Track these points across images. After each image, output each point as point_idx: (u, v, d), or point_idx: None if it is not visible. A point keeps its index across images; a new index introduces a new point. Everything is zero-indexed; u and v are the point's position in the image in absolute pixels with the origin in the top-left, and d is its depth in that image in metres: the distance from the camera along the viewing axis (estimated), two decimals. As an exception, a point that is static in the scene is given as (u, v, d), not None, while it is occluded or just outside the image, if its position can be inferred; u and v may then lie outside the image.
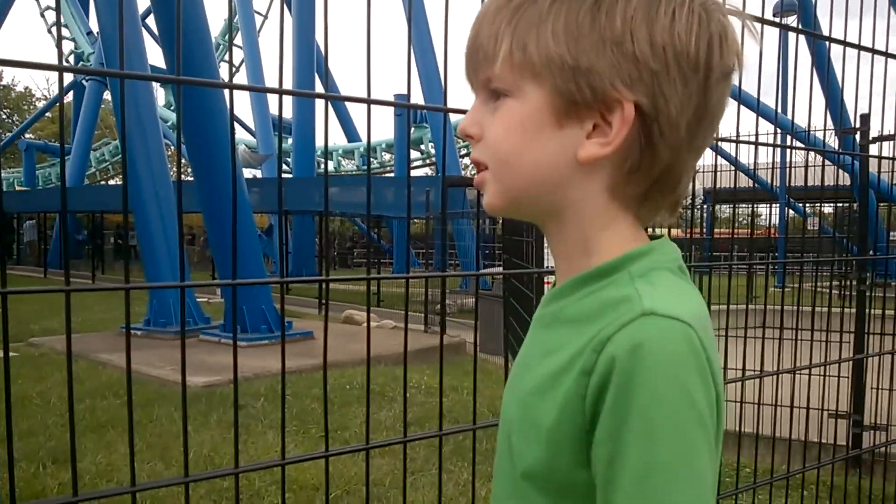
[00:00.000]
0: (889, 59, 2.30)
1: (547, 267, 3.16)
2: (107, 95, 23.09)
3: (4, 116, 40.79)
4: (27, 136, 31.16)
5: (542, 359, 0.66)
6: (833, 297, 3.76)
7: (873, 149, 3.89)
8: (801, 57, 2.18)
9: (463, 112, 1.53)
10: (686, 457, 0.55)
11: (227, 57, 27.47)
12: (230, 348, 5.57)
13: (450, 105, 1.51)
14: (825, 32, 2.22)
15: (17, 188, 28.25)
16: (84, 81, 22.08)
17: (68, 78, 25.09)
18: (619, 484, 0.56)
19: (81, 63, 24.92)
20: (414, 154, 22.43)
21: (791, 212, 15.52)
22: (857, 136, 3.94)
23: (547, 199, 0.67)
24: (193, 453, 3.91)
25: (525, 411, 0.66)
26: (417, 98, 17.02)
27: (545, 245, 0.81)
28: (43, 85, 43.91)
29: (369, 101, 1.22)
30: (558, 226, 0.68)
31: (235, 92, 1.26)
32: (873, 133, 3.93)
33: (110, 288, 1.27)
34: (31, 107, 39.93)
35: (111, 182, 30.89)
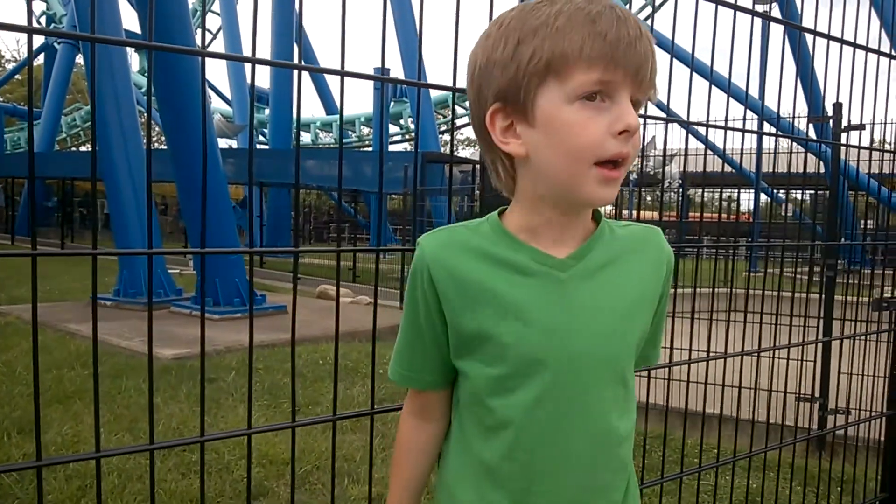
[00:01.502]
0: (868, 52, 2.31)
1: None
2: (79, 59, 22.46)
3: (-29, 79, 39.51)
4: (-4, 98, 30.22)
5: (610, 296, 0.91)
6: (805, 283, 3.82)
7: (850, 139, 3.93)
8: (780, 43, 2.17)
9: (439, 87, 1.50)
10: None
11: (205, 23, 26.83)
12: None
13: (427, 80, 1.48)
14: (805, 19, 2.21)
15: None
16: (56, 44, 21.44)
17: (39, 40, 24.34)
18: (665, 314, 1.04)
19: (53, 25, 24.16)
20: (393, 129, 22.23)
21: (769, 198, 15.70)
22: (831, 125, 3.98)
23: None
24: (162, 426, 3.88)
25: (625, 324, 0.92)
26: (398, 72, 16.81)
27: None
28: (13, 47, 42.52)
29: (343, 73, 1.18)
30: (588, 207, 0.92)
31: (212, 60, 1.22)
32: (846, 122, 3.97)
33: (78, 254, 1.23)
34: (0, 69, 38.70)
35: (82, 148, 30.18)
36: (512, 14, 0.85)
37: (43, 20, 25.29)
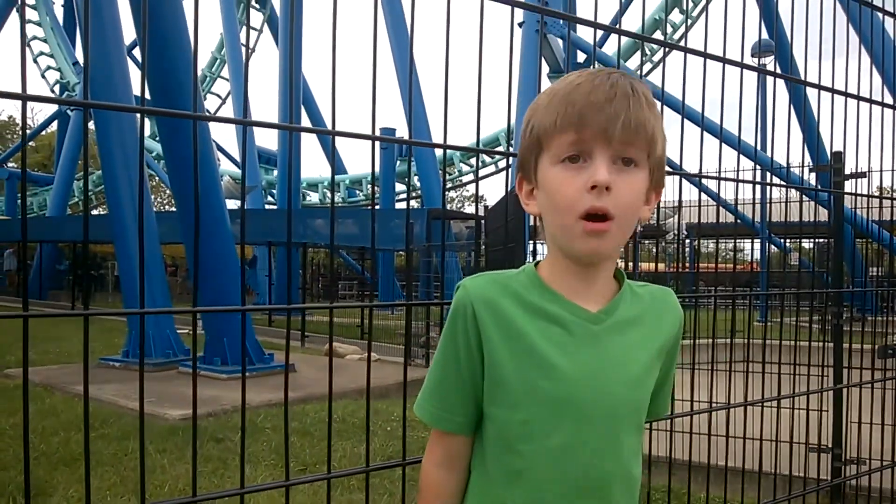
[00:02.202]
0: (864, 102, 2.38)
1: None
2: (91, 125, 23.08)
3: (-14, 145, 40.58)
4: (9, 165, 30.91)
5: (638, 348, 0.99)
6: (815, 331, 3.80)
7: (850, 186, 3.97)
8: (780, 96, 2.25)
9: (428, 145, 1.56)
10: None
11: (214, 88, 27.65)
12: (211, 381, 5.55)
13: (432, 138, 1.54)
14: (802, 71, 2.29)
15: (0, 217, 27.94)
16: (69, 111, 22.07)
17: (52, 108, 25.05)
18: (674, 370, 1.10)
19: (67, 93, 24.94)
20: (400, 187, 22.52)
21: (775, 247, 15.69)
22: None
23: (622, 246, 0.99)
24: (168, 487, 3.84)
25: (646, 377, 1.00)
26: (404, 132, 17.15)
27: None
28: (27, 114, 43.75)
29: (334, 133, 1.24)
30: (608, 263, 0.99)
31: (221, 124, 1.30)
32: (848, 170, 4.03)
33: (67, 314, 1.28)
34: (15, 136, 39.73)
35: (94, 212, 30.65)
36: (537, 97, 1.01)
37: (57, 88, 26.13)
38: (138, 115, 1.35)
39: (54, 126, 27.44)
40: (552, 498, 0.95)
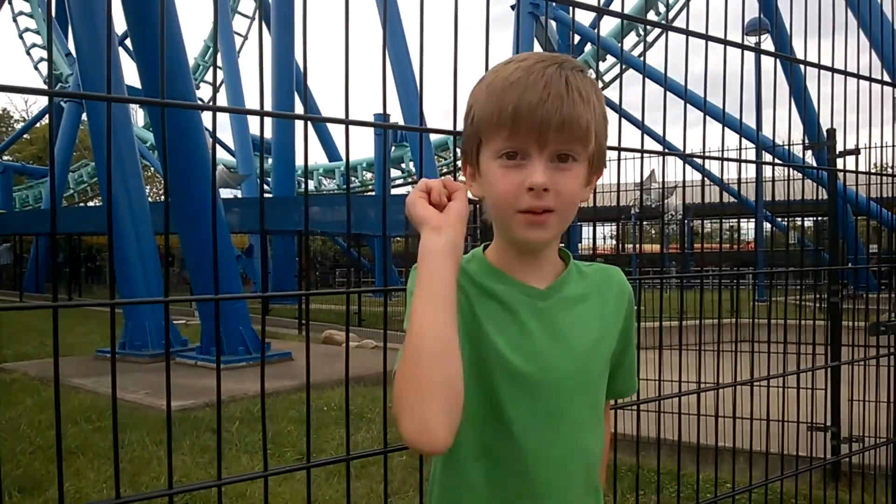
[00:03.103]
0: (861, 80, 2.35)
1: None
2: (85, 117, 22.93)
3: (-19, 138, 40.38)
4: (5, 158, 30.76)
5: (586, 324, 1.02)
6: (812, 310, 3.78)
7: (849, 165, 3.95)
8: (774, 74, 2.22)
9: (439, 131, 1.53)
10: None
11: (207, 77, 27.43)
12: (207, 371, 5.51)
13: (427, 124, 1.51)
14: (799, 49, 2.25)
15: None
16: (62, 103, 21.91)
17: (45, 100, 24.88)
18: (635, 348, 1.13)
19: (60, 84, 24.76)
20: (395, 172, 22.47)
21: (773, 226, 15.67)
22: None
23: (564, 230, 1.01)
24: (163, 479, 3.83)
25: (594, 352, 1.02)
26: (397, 117, 17.06)
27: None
28: (21, 107, 43.46)
29: (348, 122, 1.21)
30: (550, 246, 1.02)
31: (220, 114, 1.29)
32: (841, 147, 4.00)
33: (96, 304, 1.25)
34: (9, 129, 39.50)
35: (90, 203, 30.57)
36: (483, 75, 1.00)
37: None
38: (133, 105, 1.33)
39: (47, 119, 27.29)
40: (508, 476, 0.97)
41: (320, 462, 1.39)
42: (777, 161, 3.17)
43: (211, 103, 1.27)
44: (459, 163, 1.07)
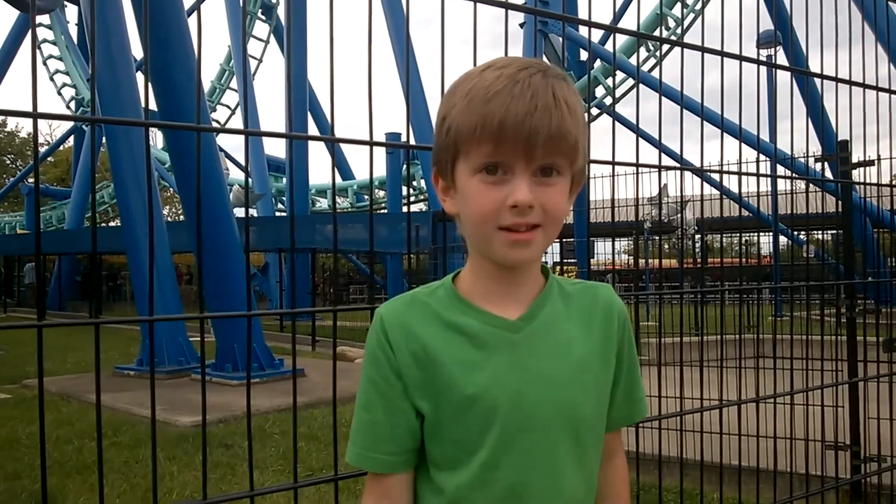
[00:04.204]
0: (873, 90, 2.39)
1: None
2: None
3: (8, 162, 41.27)
4: (29, 180, 31.41)
5: (565, 350, 0.94)
6: (832, 325, 3.72)
7: (863, 177, 3.94)
8: (786, 87, 2.29)
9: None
10: None
11: (223, 100, 27.90)
12: (221, 387, 5.63)
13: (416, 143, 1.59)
14: (811, 61, 2.30)
15: (20, 231, 28.42)
16: (84, 127, 22.40)
17: (69, 124, 25.44)
18: (638, 372, 1.04)
19: (82, 109, 25.33)
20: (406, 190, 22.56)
21: (790, 240, 15.50)
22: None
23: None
24: (176, 494, 3.92)
25: (576, 380, 0.93)
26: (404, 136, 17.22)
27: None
28: (45, 130, 44.42)
29: (372, 143, 1.30)
30: (533, 265, 0.95)
31: (232, 135, 1.38)
32: (855, 159, 4.00)
33: (80, 323, 1.35)
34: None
35: (111, 224, 31.06)
36: (454, 82, 0.93)
37: (73, 105, 26.56)
38: (143, 129, 1.43)
39: (71, 141, 27.90)
40: None
41: (309, 482, 1.46)
42: (791, 174, 3.20)
43: (243, 127, 1.36)
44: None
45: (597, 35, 16.40)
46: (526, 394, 0.91)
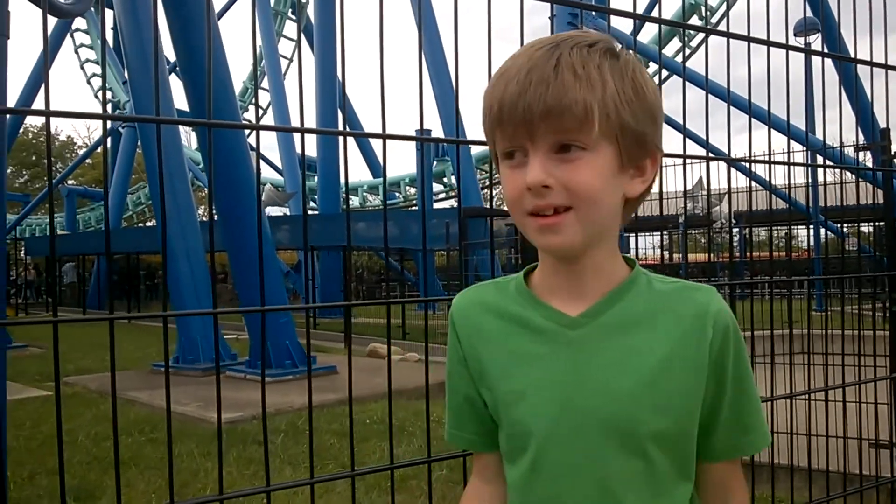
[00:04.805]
0: None
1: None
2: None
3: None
4: (69, 182, 32.27)
5: (633, 358, 0.84)
6: (876, 320, 3.60)
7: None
8: (829, 75, 2.22)
9: (476, 143, 1.56)
10: None
11: (255, 100, 28.27)
12: (256, 384, 5.66)
13: (466, 137, 1.55)
14: (851, 47, 2.22)
15: (60, 232, 29.19)
16: (120, 129, 22.90)
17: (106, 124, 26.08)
18: (751, 394, 0.89)
19: (118, 111, 25.86)
20: (437, 187, 22.60)
21: (831, 232, 15.07)
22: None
23: (606, 232, 0.85)
24: (209, 489, 3.94)
25: (644, 395, 0.83)
26: (437, 131, 17.19)
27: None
28: (83, 133, 45.53)
29: (385, 137, 1.26)
30: (592, 254, 0.85)
31: (262, 132, 1.39)
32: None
33: (149, 315, 1.37)
34: (73, 154, 41.42)
35: (148, 224, 31.74)
36: None
37: (109, 107, 27.15)
38: (185, 128, 1.42)
39: (108, 143, 28.54)
40: None
41: (325, 478, 1.42)
42: (829, 163, 3.08)
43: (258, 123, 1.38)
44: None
45: (623, 25, 16.15)
46: (575, 402, 0.84)
